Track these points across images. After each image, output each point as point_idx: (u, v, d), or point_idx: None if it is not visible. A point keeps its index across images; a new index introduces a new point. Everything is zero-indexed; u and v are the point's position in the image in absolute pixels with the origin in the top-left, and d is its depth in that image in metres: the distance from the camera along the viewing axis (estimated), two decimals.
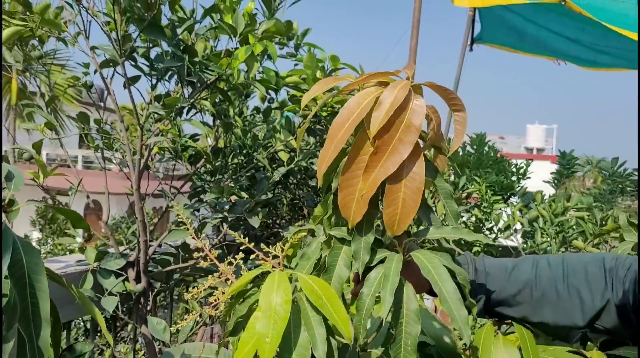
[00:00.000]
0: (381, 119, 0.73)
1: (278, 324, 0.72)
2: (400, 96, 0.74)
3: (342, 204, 0.79)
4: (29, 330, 0.75)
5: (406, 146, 0.74)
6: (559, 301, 0.92)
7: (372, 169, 0.75)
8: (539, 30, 3.76)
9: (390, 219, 0.77)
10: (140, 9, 1.65)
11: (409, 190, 0.75)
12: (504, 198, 4.14)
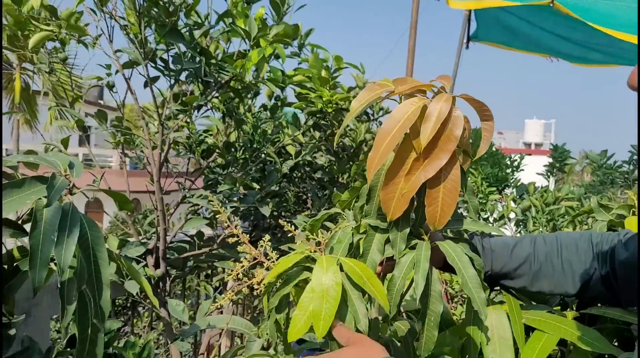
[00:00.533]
0: (429, 131, 0.81)
1: (331, 303, 0.83)
2: (444, 109, 0.83)
3: (384, 201, 0.89)
4: (93, 292, 0.89)
5: (446, 153, 0.83)
6: (554, 273, 1.06)
7: (414, 172, 0.84)
8: (531, 29, 3.89)
9: (432, 216, 0.88)
10: (161, 16, 1.79)
11: (447, 191, 0.85)
12: (499, 189, 4.28)
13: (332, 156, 2.49)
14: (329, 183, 2.49)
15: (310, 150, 2.18)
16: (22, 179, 0.87)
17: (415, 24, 3.07)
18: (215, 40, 2.08)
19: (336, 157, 2.50)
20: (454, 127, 0.83)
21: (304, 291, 0.87)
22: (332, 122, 2.21)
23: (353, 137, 2.46)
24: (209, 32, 1.90)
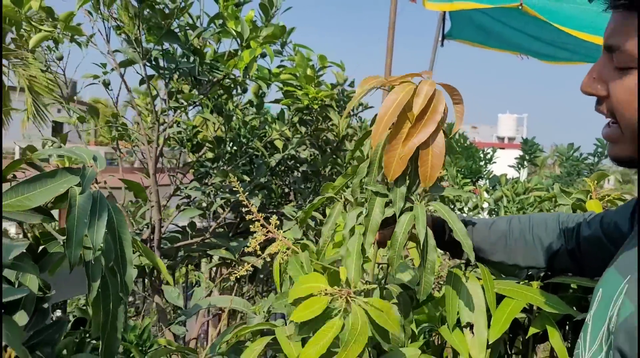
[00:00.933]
0: (420, 103, 0.98)
1: None
2: (430, 89, 1.00)
3: (386, 164, 1.04)
4: (119, 269, 1.00)
5: (433, 123, 0.99)
6: (527, 248, 1.20)
7: (410, 138, 1.00)
8: (503, 28, 4.07)
9: (424, 175, 1.03)
10: (157, 18, 1.89)
11: (435, 154, 1.01)
12: (473, 181, 4.47)
13: (316, 149, 2.62)
14: (313, 175, 2.62)
15: (296, 144, 2.30)
16: (55, 170, 0.97)
17: (394, 24, 3.21)
18: (208, 41, 2.18)
19: (320, 151, 2.63)
20: (438, 103, 1.00)
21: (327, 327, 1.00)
22: (317, 118, 2.34)
23: (336, 132, 2.59)
24: (202, 34, 2.00)
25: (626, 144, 0.68)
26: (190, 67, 1.92)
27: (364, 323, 0.99)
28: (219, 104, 2.42)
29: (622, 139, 0.68)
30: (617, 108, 0.67)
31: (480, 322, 1.16)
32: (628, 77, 0.64)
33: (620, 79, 0.65)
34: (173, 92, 2.03)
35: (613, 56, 0.66)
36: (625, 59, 0.64)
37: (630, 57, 0.63)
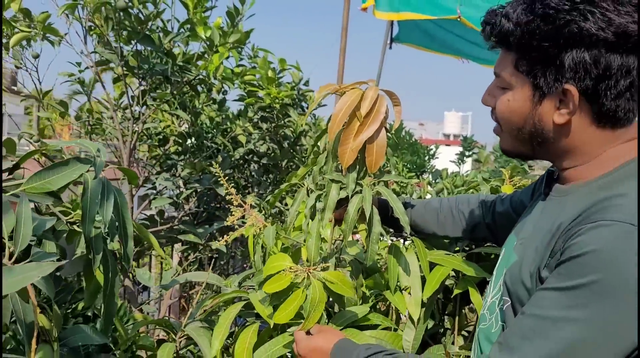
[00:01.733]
0: (367, 105, 1.21)
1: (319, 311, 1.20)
2: (374, 94, 1.23)
3: (340, 155, 1.26)
4: (122, 241, 1.21)
5: (377, 122, 1.23)
6: (454, 221, 1.47)
7: (359, 134, 1.23)
8: (446, 34, 4.39)
9: (370, 163, 1.26)
10: (133, 23, 2.06)
11: (378, 146, 1.25)
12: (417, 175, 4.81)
13: (275, 144, 2.84)
14: (273, 168, 2.84)
15: (258, 139, 2.51)
16: (68, 160, 1.16)
17: (346, 28, 3.45)
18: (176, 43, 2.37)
19: (279, 145, 2.85)
20: (380, 106, 1.25)
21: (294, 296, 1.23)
22: (278, 116, 2.56)
23: (294, 128, 2.82)
24: (174, 38, 2.19)
25: (505, 138, 0.97)
26: (163, 69, 2.11)
27: (322, 294, 1.23)
28: (184, 102, 2.61)
29: (502, 134, 0.97)
30: (498, 114, 0.95)
31: (416, 285, 1.42)
32: (504, 94, 0.92)
33: (500, 95, 0.93)
34: (146, 91, 2.21)
35: (497, 79, 0.94)
36: (502, 82, 0.92)
37: (504, 82, 0.91)
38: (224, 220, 2.63)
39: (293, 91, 2.54)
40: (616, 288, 0.73)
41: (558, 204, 0.92)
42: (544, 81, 0.86)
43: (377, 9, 3.09)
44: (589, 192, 0.86)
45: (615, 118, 0.87)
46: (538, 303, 0.81)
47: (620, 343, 0.74)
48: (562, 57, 0.84)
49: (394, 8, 3.15)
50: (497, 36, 0.90)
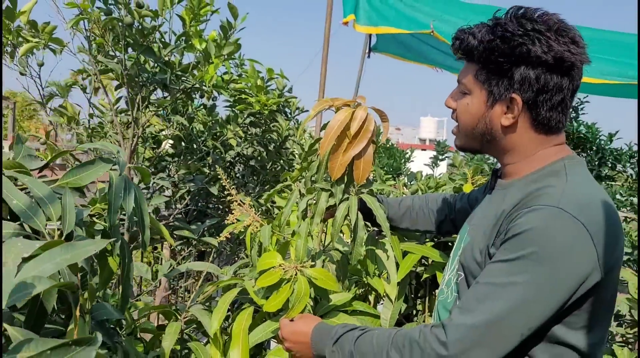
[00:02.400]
0: (356, 125, 1.35)
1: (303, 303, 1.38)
2: (363, 114, 1.38)
3: (330, 168, 1.42)
4: (141, 230, 1.39)
5: (365, 140, 1.37)
6: (424, 217, 1.68)
7: (348, 150, 1.38)
8: (421, 45, 4.63)
9: (357, 176, 1.43)
10: (135, 36, 2.25)
11: (365, 161, 1.41)
12: (394, 177, 5.06)
13: (262, 147, 3.04)
14: (260, 169, 3.03)
15: (248, 143, 2.71)
16: (94, 159, 1.34)
17: (328, 39, 3.67)
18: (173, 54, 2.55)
19: (266, 149, 3.05)
20: (369, 125, 1.42)
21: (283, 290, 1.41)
22: (266, 121, 2.76)
23: (279, 133, 3.02)
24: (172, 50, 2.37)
25: (460, 136, 1.20)
26: (162, 78, 2.29)
27: (306, 289, 1.41)
28: (176, 107, 2.79)
29: (459, 134, 1.20)
30: (458, 114, 1.17)
31: (392, 270, 1.64)
32: (464, 98, 1.15)
33: (460, 99, 1.16)
34: (146, 97, 2.39)
35: (459, 86, 1.16)
36: (463, 88, 1.15)
37: (466, 88, 1.14)
38: (215, 217, 2.81)
39: (280, 98, 2.75)
40: (548, 256, 0.96)
41: (501, 195, 1.14)
42: (497, 89, 1.09)
43: (357, 23, 3.31)
44: (525, 184, 1.09)
45: (549, 126, 1.10)
46: (489, 273, 1.03)
47: (554, 298, 0.97)
48: (512, 71, 1.07)
49: (373, 22, 3.38)
50: (464, 50, 1.13)
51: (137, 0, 2.14)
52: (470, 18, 3.78)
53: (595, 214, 0.99)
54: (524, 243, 0.98)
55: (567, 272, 0.96)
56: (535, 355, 1.03)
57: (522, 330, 0.97)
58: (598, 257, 0.97)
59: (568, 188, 1.02)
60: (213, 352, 1.60)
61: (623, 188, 4.37)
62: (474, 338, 0.97)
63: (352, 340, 1.13)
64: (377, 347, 1.07)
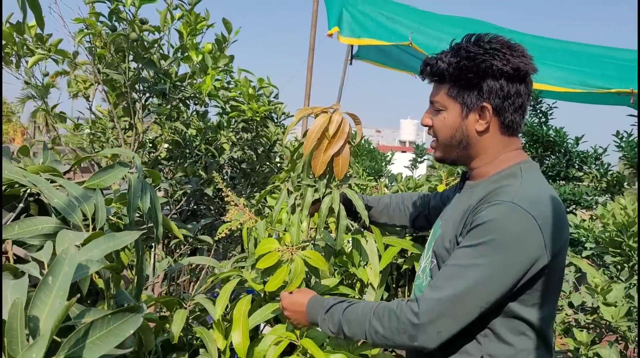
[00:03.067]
0: (333, 128, 1.56)
1: (299, 279, 1.58)
2: (339, 118, 1.58)
3: (313, 166, 1.61)
4: (155, 226, 1.57)
5: (342, 140, 1.58)
6: (400, 213, 1.88)
7: (328, 150, 1.58)
8: (400, 53, 4.87)
9: (337, 172, 1.62)
10: (137, 49, 2.42)
11: (343, 159, 1.60)
12: (375, 178, 5.28)
13: (252, 151, 3.22)
14: (251, 172, 3.22)
15: (241, 147, 2.89)
16: (113, 164, 1.52)
17: (313, 49, 3.88)
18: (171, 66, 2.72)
19: (255, 152, 3.23)
20: (344, 127, 1.62)
21: (281, 270, 1.61)
22: (257, 127, 2.95)
23: (268, 137, 3.21)
24: (171, 62, 2.55)
25: (439, 149, 1.39)
26: (162, 88, 2.47)
27: (302, 267, 1.62)
28: (171, 114, 2.97)
29: (438, 147, 1.39)
30: (436, 129, 1.36)
31: (374, 260, 1.84)
32: (440, 114, 1.34)
33: (436, 116, 1.35)
34: (146, 105, 2.56)
35: (433, 105, 1.35)
36: (437, 106, 1.34)
37: (440, 105, 1.33)
38: (209, 217, 2.99)
39: (271, 106, 2.94)
40: (504, 243, 1.17)
41: (468, 194, 1.35)
42: (469, 100, 1.30)
43: (341, 35, 3.52)
44: (488, 184, 1.30)
45: (512, 128, 1.32)
46: (455, 256, 1.23)
47: (509, 277, 1.17)
48: (480, 84, 1.28)
49: (356, 34, 3.60)
50: (435, 73, 1.33)
51: (141, 17, 2.31)
52: (446, 29, 4.03)
53: (543, 209, 1.21)
54: (484, 232, 1.18)
55: (520, 256, 1.17)
56: (494, 327, 1.24)
57: (481, 303, 1.17)
58: (545, 244, 1.18)
59: (522, 187, 1.24)
60: (216, 335, 1.78)
61: (589, 188, 4.65)
62: (440, 310, 1.17)
63: (341, 310, 1.32)
64: (361, 315, 1.27)
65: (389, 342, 1.24)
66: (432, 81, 1.37)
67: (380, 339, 1.25)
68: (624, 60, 3.65)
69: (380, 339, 1.25)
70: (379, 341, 1.25)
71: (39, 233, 1.19)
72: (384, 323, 1.22)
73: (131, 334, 0.88)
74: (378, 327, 1.24)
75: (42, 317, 0.84)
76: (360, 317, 1.28)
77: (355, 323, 1.28)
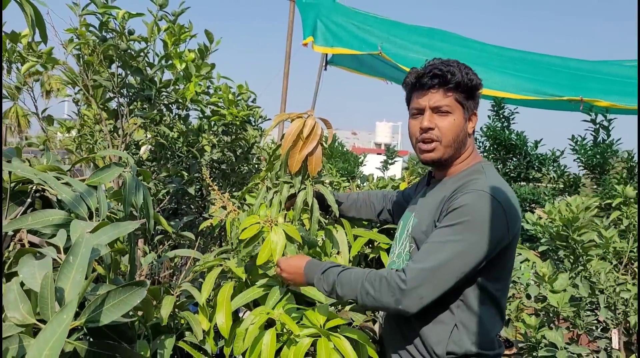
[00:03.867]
0: (307, 131, 1.75)
1: (280, 248, 1.77)
2: (312, 122, 1.79)
3: (289, 164, 1.81)
4: (147, 219, 1.75)
5: (315, 141, 1.78)
6: (366, 209, 2.09)
7: (303, 149, 1.78)
8: (372, 60, 5.10)
9: (310, 169, 1.82)
10: (125, 57, 2.59)
11: (316, 157, 1.81)
12: (348, 179, 5.50)
13: (232, 153, 3.40)
14: (230, 172, 3.40)
15: (221, 149, 3.07)
16: (110, 164, 1.69)
17: (289, 57, 4.07)
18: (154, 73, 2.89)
19: (234, 154, 3.42)
20: (317, 130, 1.83)
21: (266, 244, 1.80)
22: (237, 130, 3.13)
23: (247, 140, 3.39)
24: (157, 69, 2.72)
25: (440, 149, 1.56)
26: (149, 94, 2.64)
27: (282, 235, 1.80)
28: (155, 118, 3.13)
29: (439, 147, 1.55)
30: (443, 130, 1.54)
31: (344, 250, 2.04)
32: (448, 117, 1.54)
33: (444, 119, 1.54)
34: (133, 110, 2.73)
35: (439, 109, 1.54)
36: (446, 109, 1.53)
37: (448, 108, 1.53)
38: (190, 215, 3.16)
39: (249, 110, 3.13)
40: (477, 223, 1.38)
41: (439, 188, 1.58)
42: (470, 107, 1.56)
43: (315, 44, 3.73)
44: (458, 179, 1.53)
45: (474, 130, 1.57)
46: (435, 235, 1.44)
47: (480, 252, 1.39)
48: (476, 95, 1.55)
49: (329, 44, 3.81)
50: (449, 81, 1.53)
51: (128, 29, 2.48)
52: (413, 39, 4.28)
53: (506, 197, 1.44)
54: (460, 214, 1.40)
55: (489, 234, 1.39)
56: (466, 298, 1.46)
57: (457, 274, 1.39)
58: (508, 226, 1.42)
59: (488, 180, 1.48)
60: (201, 318, 1.96)
61: (547, 188, 4.95)
62: (424, 278, 1.37)
63: (336, 272, 1.51)
64: (354, 279, 1.46)
65: (377, 303, 1.42)
66: (440, 89, 1.54)
67: (369, 300, 1.43)
68: (576, 69, 3.94)
69: (369, 300, 1.43)
70: (368, 302, 1.43)
71: (50, 223, 1.36)
72: (375, 286, 1.41)
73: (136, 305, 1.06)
74: (369, 289, 1.42)
75: (66, 288, 1.02)
76: (353, 280, 1.46)
77: (348, 285, 1.47)
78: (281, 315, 1.59)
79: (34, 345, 0.86)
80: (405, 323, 1.53)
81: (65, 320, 0.89)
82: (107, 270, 1.44)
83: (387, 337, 1.67)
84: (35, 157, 1.82)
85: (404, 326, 1.55)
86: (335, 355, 1.55)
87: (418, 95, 1.58)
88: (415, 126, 1.60)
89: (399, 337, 1.57)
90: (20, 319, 1.02)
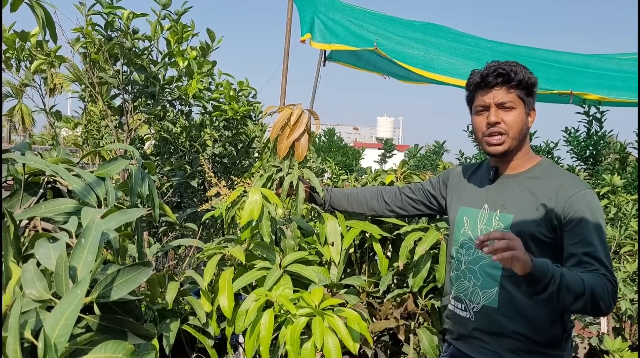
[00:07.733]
0: (294, 118, 1.86)
1: (258, 208, 1.87)
2: (299, 111, 1.89)
3: (278, 150, 1.92)
4: (153, 208, 1.84)
5: (301, 128, 1.88)
6: (360, 203, 2.18)
7: (290, 135, 1.88)
8: (370, 55, 5.16)
9: (297, 155, 1.92)
10: (129, 55, 2.67)
11: (302, 144, 1.91)
12: (346, 172, 5.60)
13: (233, 147, 3.49)
14: (232, 166, 3.49)
15: (222, 143, 3.15)
16: (117, 156, 1.79)
17: (288, 53, 4.15)
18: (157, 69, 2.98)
19: (235, 148, 3.51)
20: (303, 118, 1.93)
21: (246, 204, 1.91)
22: (238, 125, 3.22)
23: (247, 134, 3.48)
24: (160, 67, 2.81)
25: (508, 142, 1.66)
26: (152, 91, 2.72)
27: (259, 194, 1.87)
28: (159, 114, 3.22)
29: (508, 139, 1.65)
30: (510, 124, 1.64)
31: (337, 240, 2.13)
32: (512, 111, 1.63)
33: (510, 112, 1.63)
34: (137, 106, 2.82)
35: (503, 105, 1.63)
36: (510, 105, 1.62)
37: (512, 104, 1.62)
38: (193, 207, 3.25)
39: (249, 106, 3.21)
40: (599, 215, 1.54)
41: (521, 181, 1.69)
42: (530, 103, 1.67)
43: (313, 41, 3.80)
44: (551, 176, 1.66)
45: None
46: (584, 229, 1.53)
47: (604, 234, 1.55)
48: (533, 91, 1.66)
49: (327, 40, 3.88)
50: (513, 80, 1.64)
51: (133, 28, 2.57)
52: (409, 34, 4.34)
53: None
54: (593, 209, 1.55)
55: (604, 222, 1.57)
56: None
57: None
58: None
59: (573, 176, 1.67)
60: (203, 301, 2.06)
61: None
62: (610, 264, 1.51)
63: (558, 272, 1.40)
64: (578, 279, 1.42)
65: (603, 302, 1.44)
66: (503, 86, 1.64)
67: (596, 301, 1.42)
68: (566, 63, 4.01)
69: (596, 301, 1.42)
70: (596, 301, 1.42)
71: (62, 211, 1.46)
72: (605, 287, 1.45)
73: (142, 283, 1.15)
74: (598, 289, 1.43)
75: (79, 267, 1.12)
76: (578, 279, 1.42)
77: (575, 283, 1.41)
78: (279, 296, 1.68)
79: (51, 316, 0.95)
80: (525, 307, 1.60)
81: (79, 294, 0.99)
82: (116, 254, 1.53)
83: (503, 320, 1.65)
84: (46, 151, 1.91)
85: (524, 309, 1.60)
86: (329, 333, 1.64)
87: (482, 93, 1.68)
88: (481, 121, 1.70)
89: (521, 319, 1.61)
90: (37, 295, 1.11)
